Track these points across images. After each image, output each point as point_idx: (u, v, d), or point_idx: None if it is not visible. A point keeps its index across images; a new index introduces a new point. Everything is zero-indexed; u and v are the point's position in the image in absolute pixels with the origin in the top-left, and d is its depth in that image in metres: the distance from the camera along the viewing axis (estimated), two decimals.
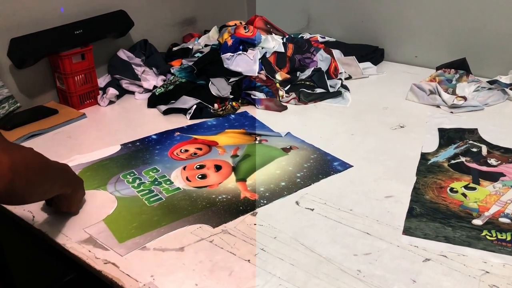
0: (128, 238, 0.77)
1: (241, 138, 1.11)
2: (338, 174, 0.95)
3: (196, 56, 1.43)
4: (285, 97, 1.30)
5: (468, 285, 0.66)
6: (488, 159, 0.99)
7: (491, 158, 0.99)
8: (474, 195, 0.87)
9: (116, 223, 0.81)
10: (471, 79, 1.33)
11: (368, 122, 1.18)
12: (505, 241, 0.74)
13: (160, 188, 0.91)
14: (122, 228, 0.79)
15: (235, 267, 0.71)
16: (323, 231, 0.78)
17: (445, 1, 1.44)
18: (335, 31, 1.71)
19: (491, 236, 0.75)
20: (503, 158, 0.99)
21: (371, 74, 1.49)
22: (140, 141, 1.09)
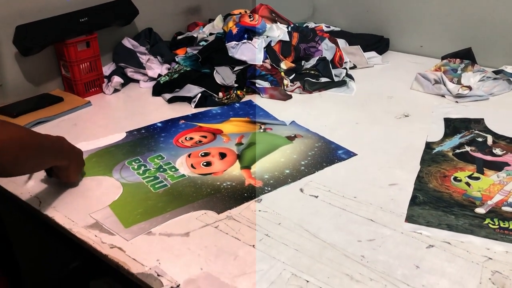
0: (133, 223, 0.78)
1: (246, 127, 1.11)
2: (342, 163, 0.95)
3: (200, 45, 1.43)
4: (290, 86, 1.30)
5: (471, 271, 0.66)
6: (493, 149, 0.99)
7: (496, 148, 0.99)
8: (478, 184, 0.87)
9: (121, 209, 0.81)
10: (476, 69, 1.33)
11: (373, 111, 1.18)
12: (508, 229, 0.75)
13: (165, 175, 0.91)
14: (127, 214, 0.80)
15: (240, 252, 0.71)
16: (327, 218, 0.78)
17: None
18: (340, 21, 1.70)
19: (494, 225, 0.76)
20: (508, 148, 0.99)
21: (376, 64, 1.49)
22: (145, 129, 1.10)
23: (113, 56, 1.42)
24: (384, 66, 1.48)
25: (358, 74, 1.41)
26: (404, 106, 1.19)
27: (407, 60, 1.51)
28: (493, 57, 1.39)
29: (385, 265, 0.68)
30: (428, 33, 1.53)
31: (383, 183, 0.87)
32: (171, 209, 0.81)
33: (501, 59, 1.37)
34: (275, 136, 1.07)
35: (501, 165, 0.93)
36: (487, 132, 1.05)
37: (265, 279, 0.66)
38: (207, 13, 1.70)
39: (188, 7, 1.64)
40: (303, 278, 0.66)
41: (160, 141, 1.04)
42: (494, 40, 1.40)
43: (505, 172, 0.90)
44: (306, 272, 0.67)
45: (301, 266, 0.68)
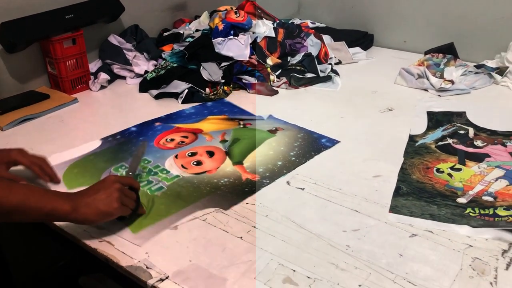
0: (141, 228, 0.76)
1: (225, 124, 1.12)
2: (328, 155, 0.97)
3: (187, 41, 1.43)
4: (276, 81, 1.32)
5: (452, 258, 0.68)
6: (474, 141, 1.01)
7: (477, 140, 1.01)
8: (460, 175, 0.89)
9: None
10: (458, 64, 1.35)
11: (358, 105, 1.20)
12: (488, 215, 0.77)
13: (158, 178, 0.90)
14: (133, 219, 0.78)
15: (228, 244, 0.73)
16: (313, 209, 0.80)
17: None
18: (325, 17, 1.72)
19: (474, 213, 0.78)
20: (489, 140, 1.01)
21: (360, 59, 1.51)
22: (120, 134, 1.07)
23: (100, 53, 1.41)
24: (369, 61, 1.51)
25: (343, 69, 1.43)
26: (388, 100, 1.22)
27: (391, 55, 1.54)
28: (475, 52, 1.42)
29: (369, 254, 0.69)
30: (412, 29, 1.55)
31: (367, 175, 0.89)
32: (176, 211, 0.80)
33: (482, 53, 1.40)
34: (257, 130, 1.08)
35: (482, 156, 0.95)
36: (469, 125, 1.07)
37: (253, 270, 0.67)
38: (193, 10, 1.70)
39: (174, 4, 1.64)
40: (289, 267, 0.67)
41: (140, 145, 1.01)
42: (476, 36, 1.43)
43: (485, 163, 0.93)
44: (293, 262, 0.68)
45: (288, 256, 0.69)
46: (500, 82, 1.28)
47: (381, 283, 0.64)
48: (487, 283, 0.64)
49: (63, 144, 1.02)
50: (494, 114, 1.12)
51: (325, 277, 0.65)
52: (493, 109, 1.16)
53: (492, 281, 0.64)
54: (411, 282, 0.64)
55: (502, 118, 1.10)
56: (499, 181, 0.86)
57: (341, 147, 1.00)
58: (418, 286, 0.63)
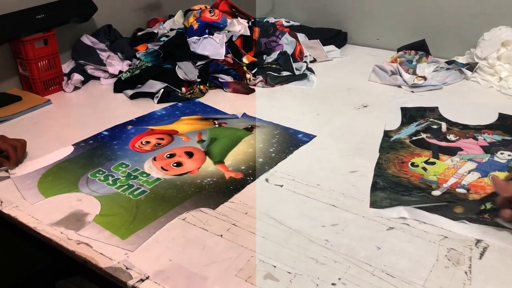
0: (130, 234, 0.74)
1: (200, 124, 1.11)
2: (305, 152, 0.98)
3: (161, 41, 1.42)
4: (252, 80, 1.32)
5: (428, 250, 0.70)
6: (447, 135, 1.03)
7: (450, 134, 1.04)
8: (434, 168, 0.91)
9: (110, 222, 0.78)
10: (430, 60, 1.38)
11: (333, 102, 1.22)
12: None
13: (139, 181, 0.89)
14: (119, 225, 0.77)
15: (208, 242, 0.73)
16: (292, 206, 0.81)
17: None
18: (299, 15, 1.73)
19: None
20: (461, 134, 1.04)
21: (335, 57, 1.53)
22: (92, 139, 1.05)
23: (72, 53, 1.39)
24: (343, 59, 1.52)
25: (318, 67, 1.44)
26: (362, 97, 1.23)
27: (365, 52, 1.56)
28: (446, 49, 1.45)
29: (348, 247, 0.70)
30: (384, 26, 1.58)
31: (344, 171, 0.90)
32: (163, 213, 0.79)
33: (453, 50, 1.44)
34: (233, 129, 1.08)
35: (454, 150, 0.98)
36: (442, 120, 1.10)
37: (233, 267, 0.67)
38: (167, 9, 1.69)
39: (147, 3, 1.63)
40: (270, 263, 0.68)
41: (115, 149, 1.00)
42: (446, 32, 1.46)
43: (458, 156, 0.95)
44: (273, 258, 0.69)
45: (268, 252, 0.70)
46: (471, 77, 1.32)
47: (360, 276, 0.65)
48: (462, 273, 0.65)
49: (37, 146, 1.00)
50: (465, 109, 1.15)
51: (305, 271, 0.66)
52: (464, 104, 1.19)
53: (467, 270, 0.66)
54: (389, 274, 0.65)
55: (473, 113, 1.13)
56: (471, 174, 0.89)
57: (318, 144, 1.01)
58: (396, 277, 0.65)
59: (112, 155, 0.98)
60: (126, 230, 0.76)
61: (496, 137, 1.02)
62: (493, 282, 0.64)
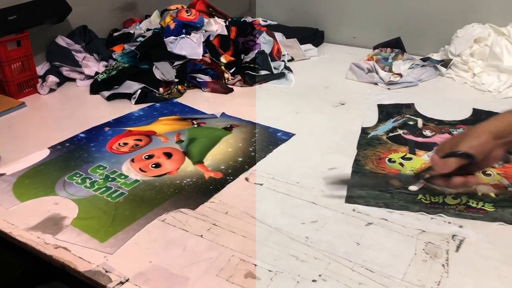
0: (109, 236, 0.74)
1: (178, 124, 1.10)
2: (285, 150, 0.98)
3: (138, 41, 1.41)
4: (231, 79, 1.32)
5: (407, 244, 0.71)
6: (423, 131, 1.05)
7: (426, 130, 1.05)
8: (410, 164, 0.93)
9: (88, 225, 0.77)
10: (406, 57, 1.41)
11: (312, 101, 1.22)
12: (438, 204, 0.80)
13: (117, 183, 0.88)
14: (97, 228, 0.76)
15: (189, 242, 0.72)
16: (273, 204, 0.81)
17: None
18: (276, 15, 1.74)
19: (426, 200, 0.81)
20: (436, 130, 1.06)
21: (312, 56, 1.54)
22: (69, 141, 1.03)
23: (47, 55, 1.37)
24: (320, 57, 1.54)
25: (296, 66, 1.45)
26: (340, 95, 1.25)
27: (342, 51, 1.58)
28: (421, 46, 1.47)
29: (328, 244, 0.71)
30: (360, 25, 1.60)
31: (323, 168, 0.91)
32: (142, 215, 0.78)
33: (428, 47, 1.46)
34: (212, 129, 1.08)
35: (431, 145, 0.99)
36: (417, 116, 1.12)
37: (214, 267, 0.67)
38: (143, 9, 1.67)
39: (123, 3, 1.61)
40: (251, 262, 0.68)
41: (93, 151, 0.99)
42: (421, 30, 1.49)
43: (434, 151, 0.96)
44: (254, 257, 0.69)
45: (249, 251, 0.70)
46: (445, 74, 1.34)
47: (340, 271, 0.66)
48: (440, 265, 0.67)
49: (12, 150, 0.98)
50: (440, 105, 1.17)
51: (286, 269, 0.66)
52: (439, 100, 1.21)
53: (444, 263, 0.67)
54: (369, 269, 0.66)
55: (448, 108, 1.15)
56: None
57: (297, 142, 1.02)
58: (376, 272, 0.65)
59: (89, 158, 0.97)
60: (104, 233, 0.75)
61: None
62: (470, 274, 0.65)
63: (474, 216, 0.77)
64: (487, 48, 1.31)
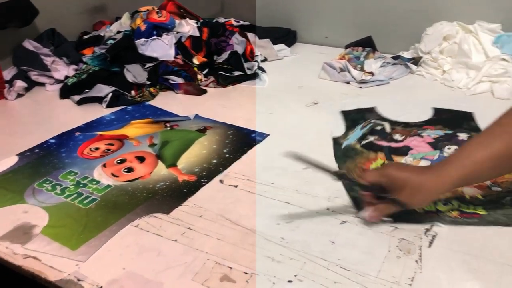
0: (81, 244, 0.72)
1: (151, 127, 1.09)
2: (259, 151, 0.98)
3: (108, 44, 1.39)
4: (204, 80, 1.31)
5: (380, 241, 0.71)
6: (393, 135, 1.01)
7: (395, 134, 1.01)
8: None
9: (58, 233, 0.75)
10: (377, 56, 1.42)
11: (285, 101, 1.22)
12: (432, 212, 0.77)
13: (88, 189, 0.86)
14: (68, 236, 0.74)
15: (163, 247, 0.71)
16: (247, 205, 0.81)
17: None
18: (249, 15, 1.73)
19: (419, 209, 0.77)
20: (405, 132, 1.01)
21: (285, 56, 1.54)
22: (38, 148, 1.00)
23: (14, 59, 1.33)
24: (293, 57, 1.54)
25: (269, 66, 1.45)
26: (313, 94, 1.25)
27: (314, 50, 1.58)
28: (391, 44, 1.49)
29: (303, 244, 0.71)
30: (332, 24, 1.61)
31: (297, 168, 0.91)
32: (115, 221, 0.77)
33: (398, 45, 1.48)
34: (185, 131, 1.07)
35: (405, 150, 0.95)
36: (383, 120, 1.07)
37: (189, 271, 0.66)
38: (113, 11, 1.65)
39: (93, 6, 1.58)
40: (226, 265, 0.67)
41: (63, 157, 0.97)
42: (391, 28, 1.50)
43: (410, 156, 0.93)
44: (229, 259, 0.68)
45: (224, 254, 0.69)
46: (416, 71, 1.36)
47: (316, 271, 0.66)
48: (413, 261, 0.67)
49: None
50: (403, 107, 1.14)
51: (262, 271, 0.66)
52: (409, 99, 1.21)
53: (417, 259, 0.68)
54: (344, 268, 0.66)
55: (416, 108, 1.13)
56: None
57: (271, 142, 1.02)
58: (351, 270, 0.66)
59: (60, 164, 0.95)
60: (76, 241, 0.73)
61: (438, 132, 1.01)
62: (442, 269, 0.66)
63: (469, 221, 0.74)
64: (456, 45, 1.33)
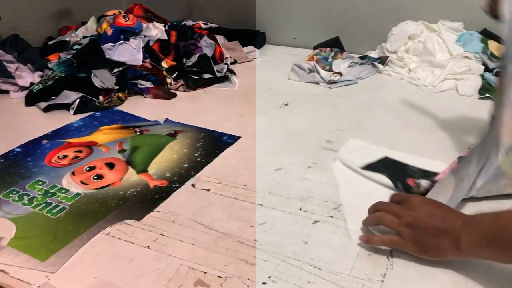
0: (50, 255, 0.70)
1: (120, 133, 1.07)
2: (230, 154, 0.98)
3: (74, 49, 1.36)
4: (173, 84, 1.30)
5: (347, 238, 0.72)
6: None
7: None
8: None
9: (27, 245, 0.73)
10: (345, 56, 1.44)
11: (256, 102, 1.23)
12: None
13: (57, 198, 0.84)
14: (37, 247, 0.72)
15: (135, 255, 0.70)
16: (220, 209, 0.80)
17: None
18: (217, 18, 1.73)
19: None
20: None
21: (255, 58, 1.55)
22: (3, 157, 0.98)
23: None
24: (263, 59, 1.55)
25: (239, 68, 1.45)
26: (283, 95, 1.26)
27: (283, 52, 1.59)
28: (359, 44, 1.51)
29: (276, 245, 0.71)
30: (300, 26, 1.62)
31: (269, 169, 0.91)
32: (85, 229, 0.75)
33: (365, 45, 1.50)
34: (156, 136, 1.06)
35: None
36: None
37: (162, 277, 0.66)
38: (79, 16, 1.62)
39: (57, 11, 1.55)
40: (200, 270, 0.67)
41: (30, 166, 0.94)
42: (358, 29, 1.53)
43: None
44: (203, 264, 0.68)
45: (198, 259, 0.69)
46: (383, 71, 1.39)
47: (289, 272, 0.66)
48: (385, 258, 0.68)
49: None
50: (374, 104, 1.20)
51: (236, 274, 0.66)
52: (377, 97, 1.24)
53: (389, 256, 0.69)
54: (317, 267, 0.67)
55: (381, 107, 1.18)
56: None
57: (243, 144, 1.02)
58: (324, 270, 0.66)
59: (27, 173, 0.92)
60: (45, 252, 0.71)
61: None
62: (413, 265, 0.67)
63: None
64: (421, 44, 1.36)
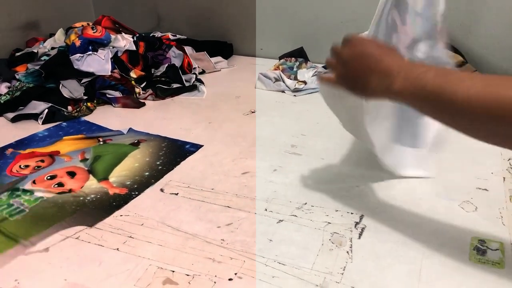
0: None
1: (83, 143, 1.09)
2: (199, 159, 1.01)
3: (42, 60, 1.37)
4: (142, 94, 1.33)
5: (314, 236, 0.76)
6: None
7: None
8: None
9: None
10: (309, 66, 1.49)
11: (224, 110, 1.26)
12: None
13: (20, 200, 0.85)
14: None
15: (104, 257, 0.72)
16: (188, 211, 0.83)
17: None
18: (185, 29, 1.77)
19: None
20: None
21: (222, 68, 1.59)
22: None
23: None
24: (230, 69, 1.59)
25: (207, 78, 1.48)
26: (250, 103, 1.30)
27: (250, 62, 1.64)
28: (322, 54, 1.55)
29: (243, 243, 0.74)
30: (266, 37, 1.67)
31: (236, 173, 0.95)
32: (37, 233, 0.77)
33: (328, 55, 1.55)
34: (118, 145, 1.08)
35: None
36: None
37: (131, 278, 0.68)
38: (47, 28, 1.63)
39: (24, 23, 1.56)
40: (168, 269, 0.69)
41: None
42: (321, 39, 1.59)
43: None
44: (171, 264, 0.70)
45: (166, 259, 0.71)
46: None
47: (255, 268, 0.69)
48: (344, 253, 0.72)
49: None
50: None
51: (203, 271, 0.69)
52: None
53: (348, 250, 0.73)
54: (281, 263, 0.70)
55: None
56: None
57: (211, 150, 1.05)
58: (287, 265, 0.70)
59: None
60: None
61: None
62: (371, 257, 0.71)
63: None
64: None
